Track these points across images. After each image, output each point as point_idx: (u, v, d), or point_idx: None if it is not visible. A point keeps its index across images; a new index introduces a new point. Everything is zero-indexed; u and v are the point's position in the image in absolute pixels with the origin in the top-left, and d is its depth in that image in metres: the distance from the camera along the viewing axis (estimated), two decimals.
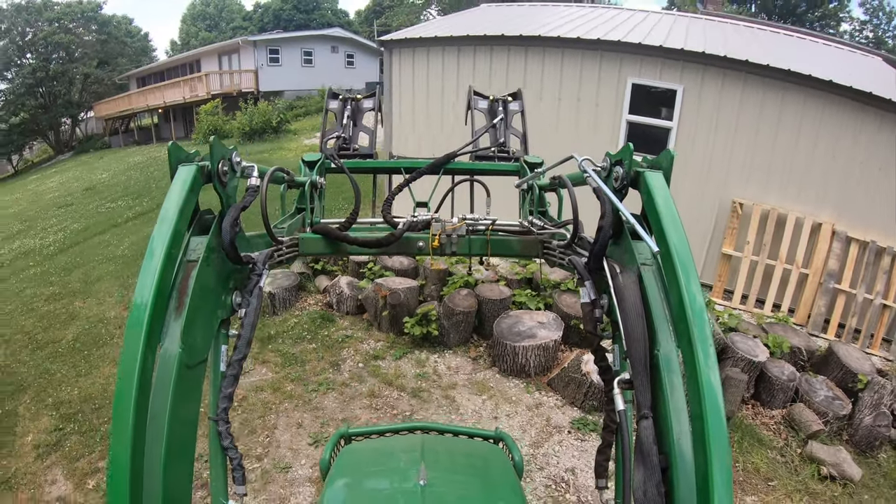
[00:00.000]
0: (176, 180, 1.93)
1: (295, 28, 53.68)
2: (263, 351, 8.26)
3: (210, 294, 2.04)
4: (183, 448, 1.69)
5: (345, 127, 4.29)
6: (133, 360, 1.51)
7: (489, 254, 3.15)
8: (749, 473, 6.14)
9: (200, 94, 34.28)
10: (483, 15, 14.60)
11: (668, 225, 1.74)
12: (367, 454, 3.05)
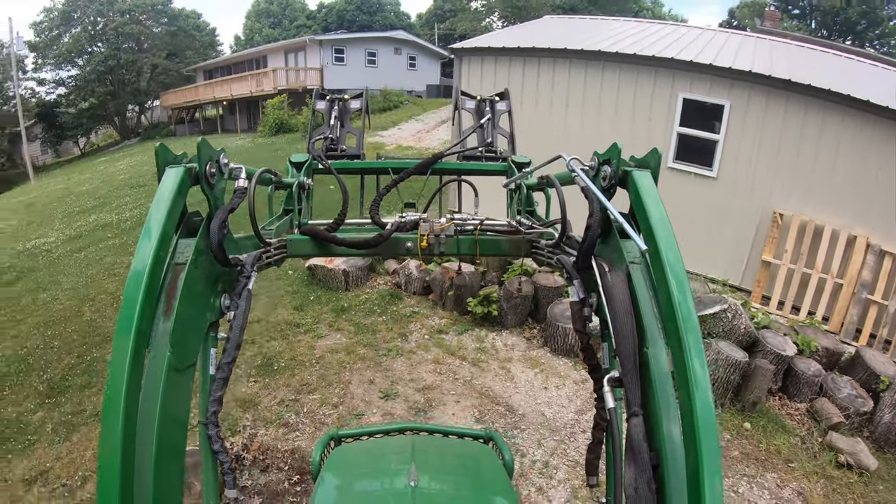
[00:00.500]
0: (163, 182, 1.97)
1: (358, 29, 54.08)
2: (338, 320, 9.08)
3: (198, 297, 2.09)
4: (173, 451, 1.76)
5: (332, 128, 4.32)
6: (122, 363, 1.55)
7: (478, 254, 3.15)
8: (771, 454, 6.48)
9: (267, 89, 34.93)
10: (547, 27, 15.06)
11: (656, 223, 1.80)
12: (357, 455, 3.10)
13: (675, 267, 1.69)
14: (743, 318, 7.53)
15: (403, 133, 27.70)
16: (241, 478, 6.07)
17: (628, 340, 1.80)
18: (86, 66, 48.45)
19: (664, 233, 1.75)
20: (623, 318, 1.84)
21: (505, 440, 3.38)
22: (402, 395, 7.36)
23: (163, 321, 1.81)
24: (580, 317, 2.09)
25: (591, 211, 2.03)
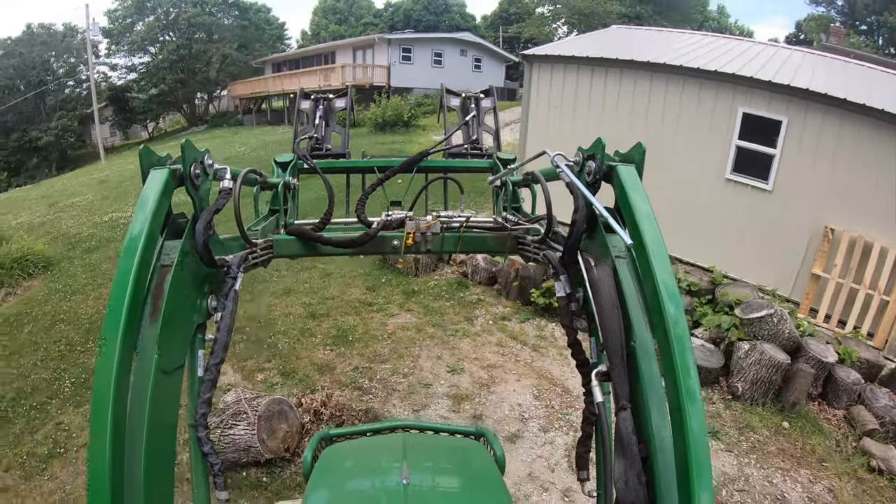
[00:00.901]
0: (148, 184, 1.96)
1: (424, 29, 54.37)
2: (408, 302, 9.74)
3: (185, 299, 2.09)
4: (163, 454, 1.78)
5: (317, 127, 4.32)
6: (110, 368, 1.56)
7: (460, 250, 3.22)
8: (806, 452, 6.69)
9: (334, 84, 35.19)
10: (615, 37, 15.26)
11: (641, 217, 1.83)
12: (349, 454, 3.07)
13: (661, 260, 1.74)
14: (788, 323, 7.72)
15: None
16: (317, 430, 6.55)
17: (615, 334, 1.85)
18: (157, 53, 49.73)
19: (649, 227, 1.81)
20: (610, 312, 1.89)
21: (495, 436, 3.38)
22: (468, 371, 7.92)
23: (149, 324, 1.84)
24: (567, 312, 2.17)
25: (577, 206, 2.08)
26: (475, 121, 4.44)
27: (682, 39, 13.67)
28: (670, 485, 1.56)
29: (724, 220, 10.46)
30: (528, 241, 2.91)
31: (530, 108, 13.80)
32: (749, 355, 7.46)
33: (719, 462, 6.55)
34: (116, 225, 16.44)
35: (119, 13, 49.45)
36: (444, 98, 4.60)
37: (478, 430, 3.42)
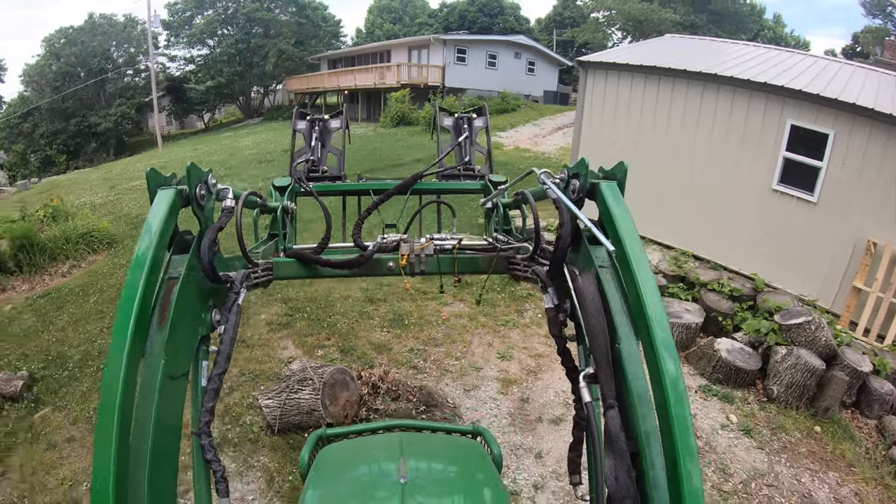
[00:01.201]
0: (156, 204, 2.06)
1: (478, 30, 54.48)
2: (461, 293, 10.15)
3: (191, 310, 2.19)
4: (167, 456, 1.85)
5: (313, 149, 4.40)
6: (118, 368, 1.63)
7: (456, 272, 3.20)
8: (836, 457, 6.82)
9: (390, 82, 35.88)
10: (669, 46, 15.32)
11: (623, 230, 1.93)
12: (346, 454, 3.05)
13: (643, 269, 1.83)
14: (825, 331, 7.86)
15: (520, 136, 28.11)
16: (375, 402, 7.02)
17: (600, 337, 1.93)
18: (216, 47, 51.17)
19: (631, 238, 1.91)
20: (594, 317, 1.98)
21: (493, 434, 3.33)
22: (517, 358, 8.30)
23: (157, 331, 1.93)
24: (556, 322, 2.28)
25: (562, 222, 2.21)
26: (468, 142, 4.49)
27: (734, 51, 13.70)
28: (660, 479, 1.66)
29: (770, 230, 10.51)
30: (517, 259, 3.00)
31: (584, 112, 13.96)
32: (785, 360, 7.61)
33: (750, 458, 6.73)
34: None
35: (179, 6, 50.85)
36: (437, 117, 4.67)
37: (475, 429, 3.41)
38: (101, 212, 16.42)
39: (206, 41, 52.65)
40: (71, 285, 11.65)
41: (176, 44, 53.74)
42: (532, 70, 44.51)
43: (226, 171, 22.36)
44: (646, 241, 12.28)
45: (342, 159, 4.46)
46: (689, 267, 10.09)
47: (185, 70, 56.03)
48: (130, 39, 51.88)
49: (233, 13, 49.84)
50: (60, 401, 7.76)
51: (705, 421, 7.23)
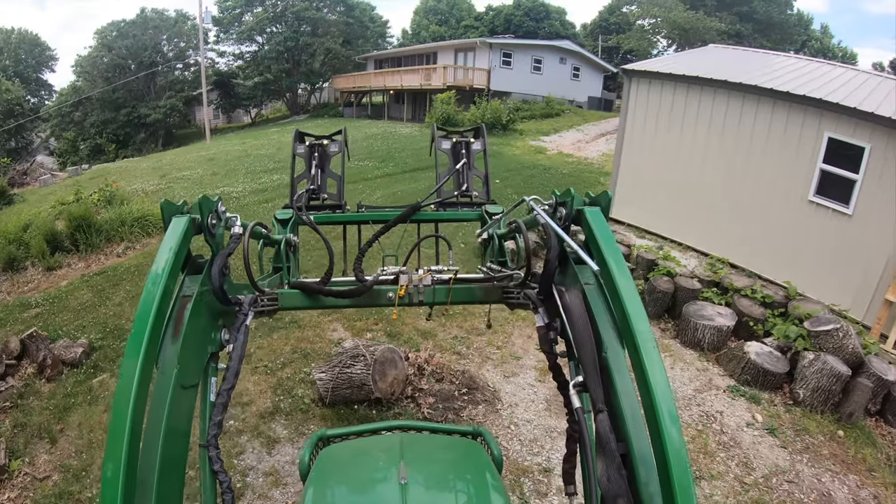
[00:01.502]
0: (170, 230, 2.26)
1: (524, 34, 54.34)
2: None
3: (202, 327, 2.36)
4: (176, 461, 1.94)
5: (313, 177, 4.63)
6: (132, 374, 1.73)
7: (451, 302, 3.42)
8: (857, 461, 6.90)
9: (435, 84, 36.08)
10: (712, 56, 15.36)
11: (607, 251, 2.11)
12: (346, 455, 3.03)
13: (626, 286, 2.00)
14: (853, 338, 7.92)
15: (564, 141, 28.21)
16: (420, 382, 7.40)
17: (587, 347, 2.11)
18: (264, 44, 51.83)
19: (615, 258, 2.08)
20: (581, 328, 2.17)
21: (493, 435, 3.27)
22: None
23: (171, 342, 2.09)
24: (546, 339, 2.49)
25: (549, 246, 2.45)
26: (465, 168, 4.69)
27: (776, 62, 13.74)
28: (651, 477, 1.77)
29: (805, 240, 10.57)
30: (511, 288, 3.21)
31: (627, 120, 14.13)
32: (812, 364, 7.71)
33: (773, 455, 6.89)
34: (228, 198, 17.53)
35: (229, 3, 51.65)
36: (436, 141, 4.86)
37: (475, 430, 3.40)
38: (153, 198, 16.95)
39: (254, 38, 53.46)
40: (126, 265, 12.21)
41: (225, 40, 54.73)
42: (577, 76, 44.46)
43: (274, 165, 22.83)
44: (683, 247, 12.58)
45: (341, 185, 4.77)
46: (723, 272, 10.25)
47: (234, 66, 56.95)
48: (181, 34, 53.10)
49: (282, 11, 50.45)
50: (118, 369, 8.22)
51: (731, 418, 7.42)
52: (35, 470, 6.36)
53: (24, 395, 7.63)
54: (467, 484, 2.77)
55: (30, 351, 8.28)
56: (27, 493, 6.06)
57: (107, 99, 49.19)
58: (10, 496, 6.01)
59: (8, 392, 7.54)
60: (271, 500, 5.90)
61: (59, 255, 12.59)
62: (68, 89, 53.50)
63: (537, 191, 17.25)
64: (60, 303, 10.49)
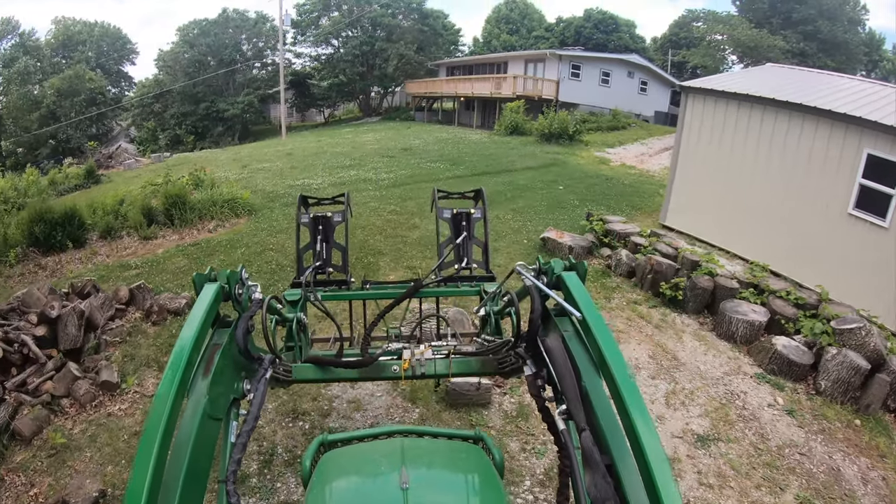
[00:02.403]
0: (202, 295, 2.66)
1: (593, 46, 54.48)
2: None
3: (228, 372, 2.67)
4: (199, 475, 2.19)
5: (318, 253, 4.84)
6: (164, 401, 2.00)
7: (451, 374, 3.64)
8: (870, 447, 7.31)
9: (505, 93, 36.68)
10: (767, 74, 15.81)
11: (583, 305, 2.56)
12: (347, 460, 3.01)
13: (604, 335, 2.35)
14: (875, 337, 8.42)
15: (627, 153, 28.52)
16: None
17: (567, 377, 2.44)
18: (340, 47, 53.59)
19: (591, 310, 2.47)
20: (562, 363, 2.51)
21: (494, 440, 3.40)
22: None
23: (202, 378, 2.40)
24: (534, 385, 2.78)
25: (534, 308, 2.82)
26: (466, 240, 4.94)
27: (828, 82, 13.95)
28: (636, 483, 1.97)
29: (843, 252, 10.92)
30: (503, 355, 3.48)
31: (683, 134, 14.69)
32: (834, 358, 8.24)
33: (790, 432, 7.45)
34: (309, 189, 18.71)
35: (307, 7, 53.62)
36: (437, 210, 5.12)
37: (476, 435, 3.35)
38: (236, 186, 18.10)
39: (331, 41, 55.32)
40: (218, 239, 13.55)
41: (302, 42, 56.82)
42: (644, 90, 44.45)
43: (350, 162, 23.73)
44: (730, 255, 13.21)
45: (346, 256, 5.03)
46: (761, 276, 10.84)
47: (309, 67, 59.09)
48: (260, 35, 55.33)
49: (358, 17, 51.98)
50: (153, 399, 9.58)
51: (754, 399, 8.11)
52: (144, 389, 7.81)
53: (133, 333, 9.05)
54: (468, 488, 2.78)
55: (137, 299, 9.80)
56: (137, 405, 7.48)
57: (187, 92, 51.61)
58: (122, 407, 7.44)
59: (118, 329, 9.00)
60: (352, 420, 7.03)
61: (154, 227, 14.14)
62: (150, 81, 56.13)
63: (598, 199, 18.26)
64: (158, 266, 11.93)
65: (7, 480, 6.22)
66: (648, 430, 1.98)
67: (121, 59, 64.20)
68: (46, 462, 6.45)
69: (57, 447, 6.61)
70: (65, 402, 7.37)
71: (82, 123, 48.77)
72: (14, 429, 6.73)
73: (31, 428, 6.78)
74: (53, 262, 12.44)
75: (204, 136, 51.28)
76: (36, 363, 7.60)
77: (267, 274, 11.49)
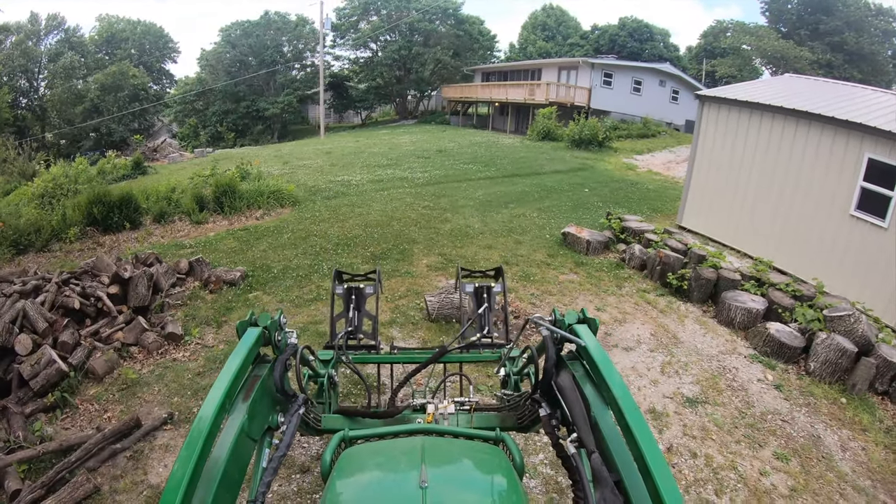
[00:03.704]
0: (244, 338, 2.88)
1: (627, 54, 54.91)
2: (576, 268, 12.41)
3: (265, 403, 2.88)
4: (231, 487, 2.36)
5: (350, 319, 5.03)
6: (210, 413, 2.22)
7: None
8: (853, 422, 7.73)
9: (538, 99, 37.30)
10: (783, 84, 16.24)
11: (595, 353, 2.69)
12: (368, 456, 2.97)
13: (612, 374, 2.54)
14: (862, 324, 8.86)
15: (655, 160, 29.05)
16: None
17: (577, 407, 2.61)
18: (378, 51, 54.62)
19: (602, 357, 2.66)
20: (572, 396, 2.69)
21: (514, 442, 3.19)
22: (609, 312, 10.35)
23: (242, 402, 2.63)
24: (549, 425, 2.90)
25: (548, 356, 2.95)
26: (487, 312, 5.08)
27: (841, 91, 14.32)
28: (643, 498, 2.11)
29: (845, 251, 11.49)
30: (522, 408, 3.61)
31: (699, 140, 15.39)
32: (824, 342, 8.73)
33: (775, 403, 7.94)
34: (349, 185, 19.80)
35: (347, 11, 54.71)
36: (461, 286, 5.38)
37: (498, 436, 3.24)
38: (280, 181, 19.12)
39: (369, 45, 56.46)
40: (265, 226, 14.65)
41: (342, 45, 58.10)
42: (676, 98, 44.56)
43: (387, 162, 24.68)
44: (740, 254, 13.98)
45: (376, 325, 5.23)
46: (764, 270, 11.43)
47: (348, 70, 60.42)
48: (300, 37, 56.51)
49: (396, 21, 52.96)
50: (268, 290, 10.75)
51: (744, 373, 8.67)
52: (204, 341, 8.93)
53: (192, 298, 10.19)
54: (488, 490, 2.71)
55: (196, 271, 10.98)
56: (199, 353, 8.58)
57: (228, 91, 53.05)
58: (185, 354, 8.55)
59: (180, 294, 10.22)
60: None
61: (205, 213, 15.30)
62: (192, 79, 57.81)
63: (621, 202, 19.01)
64: (211, 246, 13.09)
65: (82, 408, 7.26)
66: (656, 454, 2.11)
67: (163, 56, 66.06)
68: (119, 394, 7.49)
69: (128, 382, 7.68)
70: (134, 349, 8.48)
71: (125, 118, 50.60)
72: (88, 368, 7.81)
73: (105, 368, 7.86)
74: (111, 240, 13.67)
75: (244, 134, 52.68)
76: (108, 316, 8.79)
77: (312, 255, 12.52)
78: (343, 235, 13.97)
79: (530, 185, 21.04)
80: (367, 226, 14.73)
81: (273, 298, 10.45)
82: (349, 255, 12.71)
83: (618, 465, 2.30)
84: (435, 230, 14.62)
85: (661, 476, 2.01)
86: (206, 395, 2.34)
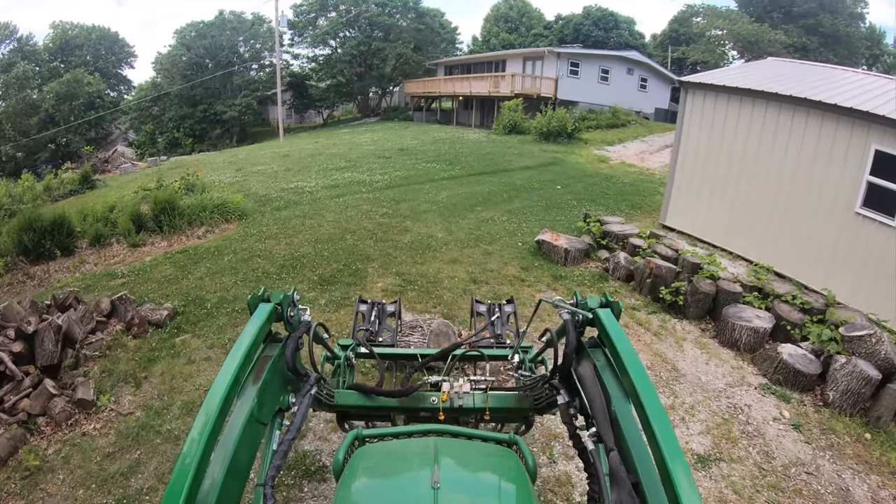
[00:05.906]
0: (256, 313, 2.85)
1: (593, 44, 54.75)
2: (554, 283, 11.20)
3: (276, 384, 2.84)
4: (240, 471, 2.32)
5: (371, 324, 5.43)
6: (218, 396, 2.17)
7: (488, 408, 3.70)
8: (881, 463, 6.97)
9: (503, 91, 36.65)
10: (769, 69, 15.40)
11: (616, 339, 2.60)
12: (380, 456, 3.02)
13: (634, 364, 2.45)
14: (885, 345, 8.00)
15: (628, 151, 28.48)
16: None
17: (598, 401, 2.57)
18: (337, 48, 53.98)
19: (624, 344, 2.57)
20: (592, 389, 2.66)
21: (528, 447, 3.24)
22: None
23: (252, 384, 2.59)
24: (567, 413, 2.89)
25: (568, 341, 2.93)
26: (499, 321, 5.40)
27: (832, 76, 13.72)
28: (661, 500, 2.07)
29: (850, 251, 10.64)
30: (538, 390, 3.54)
31: (682, 131, 14.40)
32: (843, 368, 7.84)
33: (796, 448, 7.11)
34: (302, 192, 18.65)
35: (304, 8, 54.01)
36: (475, 305, 5.77)
37: (511, 439, 3.28)
38: (229, 190, 18.18)
39: (328, 42, 55.59)
40: (206, 246, 13.36)
41: (300, 43, 57.16)
42: (644, 87, 44.58)
43: (345, 164, 23.76)
44: (732, 255, 12.90)
45: (395, 335, 5.57)
46: (765, 278, 10.50)
47: (307, 68, 59.49)
48: (257, 36, 55.58)
49: (355, 17, 52.16)
50: (199, 331, 9.40)
51: (758, 412, 7.74)
52: (119, 407, 7.56)
53: (112, 347, 8.84)
54: (500, 492, 2.72)
55: (119, 311, 9.55)
56: (111, 424, 7.25)
57: (184, 95, 51.84)
58: (97, 426, 7.18)
59: (98, 343, 8.76)
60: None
61: (143, 234, 13.97)
62: (148, 85, 56.57)
63: (597, 199, 18.08)
64: (145, 274, 11.73)
65: None
66: (677, 456, 2.00)
67: (119, 62, 64.50)
68: (20, 484, 6.33)
69: (31, 469, 6.50)
70: (41, 420, 7.16)
71: (81, 127, 49.26)
72: None
73: (7, 448, 6.64)
74: (41, 271, 12.35)
75: (202, 139, 51.65)
76: (13, 380, 7.42)
77: (253, 282, 11.19)
78: (290, 255, 12.59)
79: (498, 183, 20.16)
80: (317, 242, 13.47)
81: (203, 343, 9.05)
82: (294, 278, 11.28)
83: (637, 465, 2.22)
84: (393, 243, 13.45)
85: (682, 484, 1.87)
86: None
